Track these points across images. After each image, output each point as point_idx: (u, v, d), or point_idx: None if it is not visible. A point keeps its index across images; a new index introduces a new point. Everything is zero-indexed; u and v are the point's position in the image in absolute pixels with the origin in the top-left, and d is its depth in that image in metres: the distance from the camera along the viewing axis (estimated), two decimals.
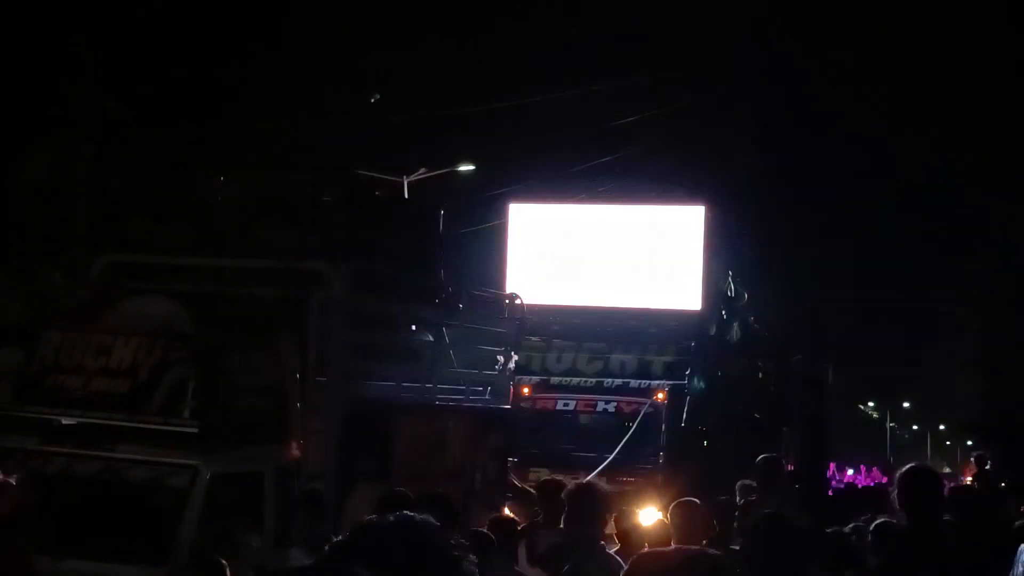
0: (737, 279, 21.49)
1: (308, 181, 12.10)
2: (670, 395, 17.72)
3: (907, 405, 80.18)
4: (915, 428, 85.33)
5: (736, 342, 21.35)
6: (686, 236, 20.48)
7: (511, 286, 18.72)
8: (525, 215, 21.59)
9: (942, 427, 79.33)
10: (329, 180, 11.78)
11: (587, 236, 20.85)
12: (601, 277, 20.34)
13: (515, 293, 14.70)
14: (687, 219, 20.77)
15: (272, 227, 11.05)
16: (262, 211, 11.22)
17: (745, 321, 21.94)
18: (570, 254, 20.72)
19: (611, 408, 17.82)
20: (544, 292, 18.85)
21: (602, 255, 20.53)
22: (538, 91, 31.88)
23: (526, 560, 8.51)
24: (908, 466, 6.44)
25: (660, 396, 17.67)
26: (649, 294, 19.98)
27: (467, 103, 31.68)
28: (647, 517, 10.56)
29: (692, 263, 20.26)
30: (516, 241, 21.15)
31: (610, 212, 21.63)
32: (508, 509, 11.06)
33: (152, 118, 24.91)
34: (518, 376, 14.85)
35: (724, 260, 21.05)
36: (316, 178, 12.00)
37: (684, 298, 20.04)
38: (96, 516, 8.47)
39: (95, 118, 24.12)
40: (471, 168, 30.66)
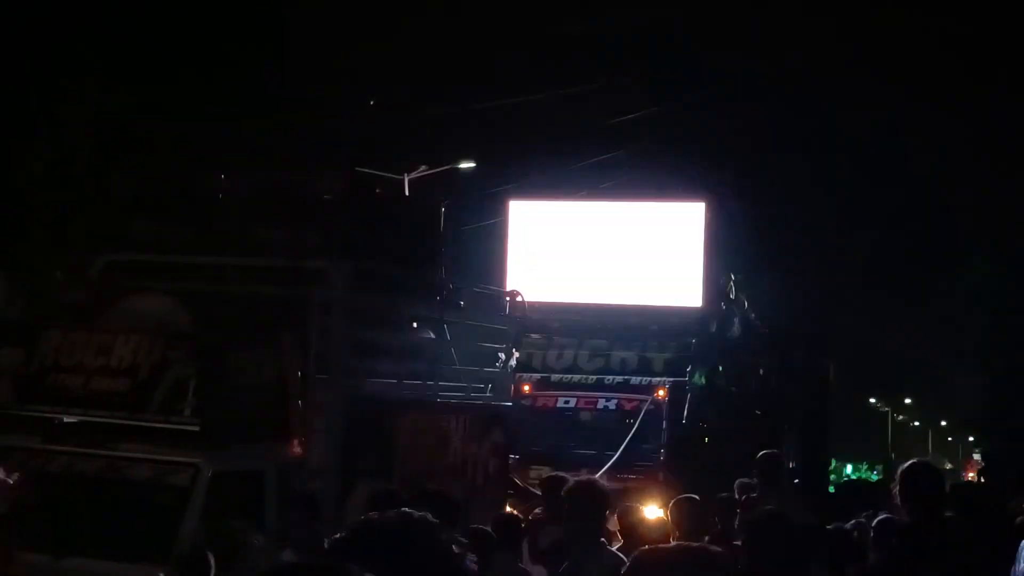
0: (738, 276, 21.46)
1: (309, 179, 12.09)
2: (671, 392, 17.69)
3: (909, 401, 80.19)
4: (917, 424, 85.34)
5: (737, 338, 21.32)
6: (687, 232, 20.46)
7: (511, 283, 18.69)
8: (525, 212, 21.56)
9: (944, 423, 79.39)
10: (330, 178, 11.77)
11: (587, 233, 20.83)
12: (602, 274, 20.32)
13: (516, 290, 14.69)
14: (688, 215, 20.75)
15: (273, 225, 11.05)
16: (263, 209, 11.21)
17: (746, 317, 21.91)
18: (570, 251, 20.69)
19: (612, 405, 17.79)
20: (545, 289, 18.84)
21: (602, 252, 20.51)
22: (539, 88, 31.88)
23: (528, 557, 8.51)
24: (910, 462, 6.44)
25: (661, 393, 17.64)
26: (650, 291, 19.97)
27: (468, 100, 31.69)
28: (649, 513, 10.55)
29: (693, 260, 20.24)
30: (516, 238, 21.12)
31: (610, 208, 21.61)
32: (509, 507, 11.07)
33: (153, 117, 24.89)
34: (519, 373, 14.84)
35: (725, 257, 21.02)
36: (317, 176, 11.98)
37: (685, 295, 20.03)
38: (97, 514, 8.49)
39: (95, 118, 24.11)
40: (472, 165, 30.66)
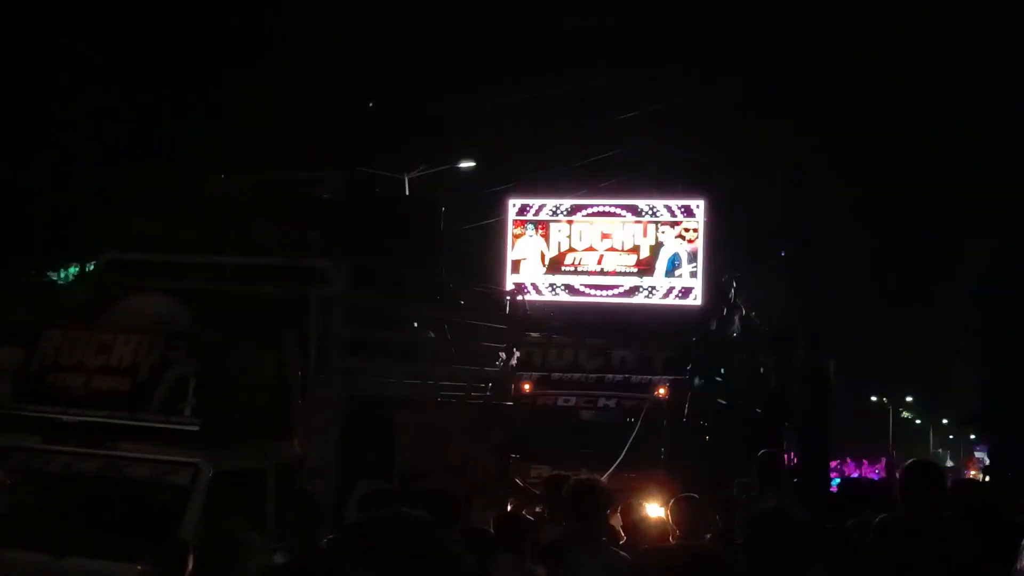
0: (738, 275, 21.45)
1: (309, 178, 12.07)
2: (671, 390, 17.66)
3: (910, 399, 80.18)
4: (918, 422, 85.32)
5: (737, 336, 21.31)
6: (686, 230, 20.44)
7: (511, 282, 18.72)
8: (524, 210, 21.54)
9: (945, 421, 79.37)
10: (330, 177, 11.75)
11: (587, 231, 20.81)
12: (601, 272, 20.32)
13: (515, 289, 14.68)
14: (687, 213, 20.72)
15: (273, 224, 11.03)
16: (262, 208, 11.20)
17: (746, 315, 21.91)
18: (570, 249, 20.69)
19: (612, 404, 17.77)
20: (545, 288, 18.85)
21: (602, 250, 20.50)
22: (538, 87, 31.88)
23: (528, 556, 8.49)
24: (911, 461, 6.45)
25: (661, 392, 17.61)
26: (650, 289, 19.96)
27: (468, 100, 31.70)
28: (649, 512, 10.54)
29: (692, 258, 20.22)
30: (516, 236, 21.10)
31: (609, 206, 21.59)
32: (509, 506, 11.06)
33: (152, 117, 24.89)
34: (519, 372, 14.83)
35: (725, 255, 21.02)
36: (317, 175, 11.96)
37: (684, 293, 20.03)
38: (97, 514, 8.48)
39: (95, 118, 24.11)
40: (472, 164, 30.67)
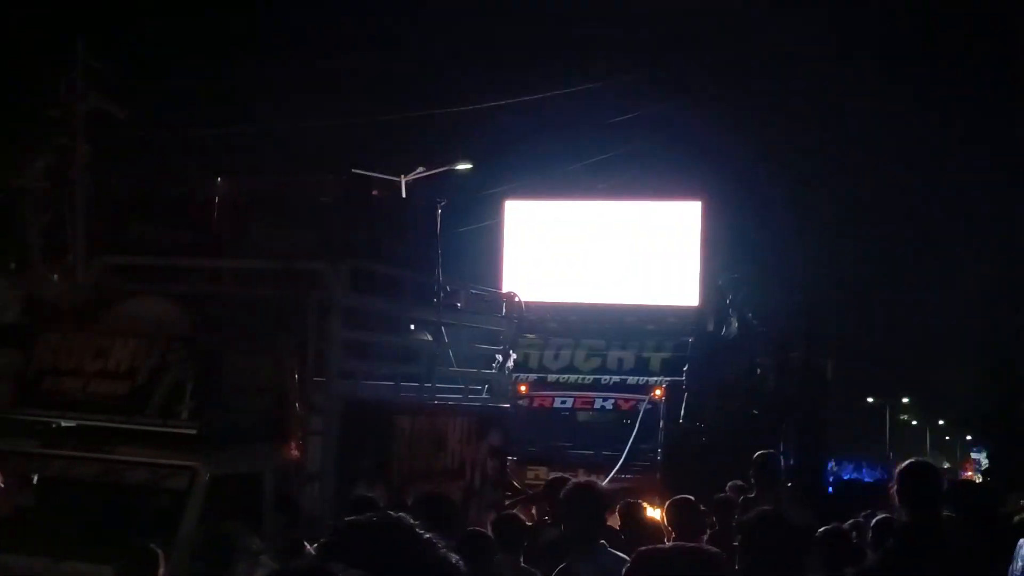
0: (736, 276, 21.47)
1: (306, 182, 12.10)
2: (668, 391, 17.68)
3: (907, 400, 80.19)
4: (915, 423, 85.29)
5: (734, 337, 21.33)
6: (683, 231, 20.48)
7: (508, 284, 18.72)
8: (521, 212, 21.58)
9: (941, 422, 79.35)
10: (327, 181, 11.79)
11: (584, 232, 20.84)
12: (598, 273, 20.34)
13: (512, 291, 14.69)
14: (684, 214, 20.76)
15: (270, 228, 11.06)
16: (260, 212, 11.23)
17: (743, 316, 21.92)
18: (566, 251, 20.71)
19: (609, 405, 17.79)
20: (541, 289, 18.86)
21: (599, 251, 20.53)
22: (535, 89, 31.86)
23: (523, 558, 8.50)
24: (908, 462, 6.44)
25: (658, 393, 17.63)
26: (646, 290, 19.98)
27: (464, 102, 31.67)
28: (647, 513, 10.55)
29: (689, 258, 20.26)
30: (512, 238, 21.14)
31: (606, 208, 21.62)
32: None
33: (151, 120, 24.88)
34: (516, 374, 14.83)
35: (722, 256, 21.04)
36: (314, 179, 12.00)
37: (681, 294, 20.05)
38: (95, 518, 8.49)
39: (94, 119, 24.08)
40: (468, 167, 30.65)
